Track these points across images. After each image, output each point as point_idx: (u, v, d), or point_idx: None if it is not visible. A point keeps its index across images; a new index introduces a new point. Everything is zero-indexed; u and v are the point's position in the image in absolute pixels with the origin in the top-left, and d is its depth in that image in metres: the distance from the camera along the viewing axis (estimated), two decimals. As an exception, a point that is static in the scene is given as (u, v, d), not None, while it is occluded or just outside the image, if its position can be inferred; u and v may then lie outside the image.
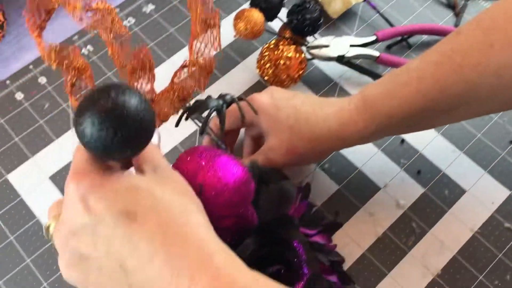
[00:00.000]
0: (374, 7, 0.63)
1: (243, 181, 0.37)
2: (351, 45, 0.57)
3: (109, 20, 0.37)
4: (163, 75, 0.52)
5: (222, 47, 0.61)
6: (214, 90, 0.59)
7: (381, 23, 0.63)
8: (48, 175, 0.54)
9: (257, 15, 0.54)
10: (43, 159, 0.55)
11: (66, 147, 0.56)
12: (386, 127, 0.44)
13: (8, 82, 0.59)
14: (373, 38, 0.59)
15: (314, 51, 0.57)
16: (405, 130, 0.48)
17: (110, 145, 0.28)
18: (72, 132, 0.56)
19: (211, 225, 0.32)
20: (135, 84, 0.41)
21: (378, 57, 0.57)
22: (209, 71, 0.43)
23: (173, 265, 0.29)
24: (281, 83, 0.56)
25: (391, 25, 0.62)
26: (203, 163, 0.38)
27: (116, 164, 0.34)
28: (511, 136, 0.56)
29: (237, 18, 0.54)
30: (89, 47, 0.61)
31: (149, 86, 0.42)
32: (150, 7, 0.64)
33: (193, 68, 0.42)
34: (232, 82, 0.59)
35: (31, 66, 0.60)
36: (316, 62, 0.60)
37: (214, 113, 0.44)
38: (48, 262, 0.50)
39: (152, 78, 0.42)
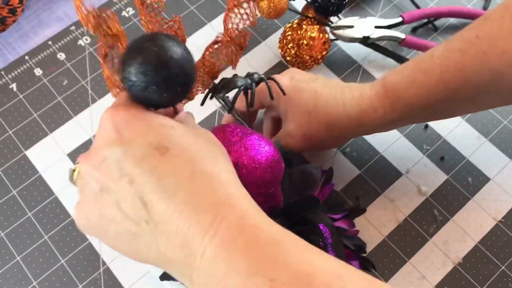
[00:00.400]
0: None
1: (275, 159, 0.36)
2: (376, 27, 0.56)
3: None
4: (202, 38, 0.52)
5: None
6: (234, 70, 0.58)
7: (407, 4, 0.61)
8: (66, 152, 0.54)
9: None
10: (61, 136, 0.55)
11: (85, 125, 0.55)
12: (407, 115, 0.43)
13: (27, 57, 0.59)
14: (399, 19, 0.57)
15: (338, 31, 0.55)
16: (426, 118, 0.47)
17: (152, 89, 0.30)
18: (90, 110, 0.56)
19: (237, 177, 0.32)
20: None
21: (403, 39, 0.56)
22: (242, 47, 0.42)
23: (197, 200, 0.28)
24: (303, 64, 0.55)
25: (417, 6, 0.60)
26: (235, 140, 0.38)
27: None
28: (539, 124, 0.54)
29: None
30: (129, 9, 0.61)
31: None
32: (171, -16, 0.63)
33: (227, 43, 0.41)
34: (253, 62, 0.58)
35: (50, 42, 0.60)
36: (339, 43, 0.59)
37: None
38: (66, 239, 0.50)
39: None
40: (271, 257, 0.27)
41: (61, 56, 0.59)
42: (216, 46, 0.41)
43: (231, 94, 0.42)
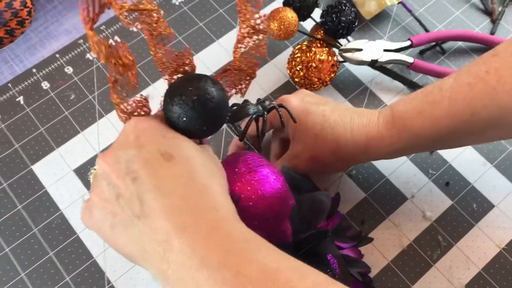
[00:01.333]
0: (409, 10, 0.61)
1: (281, 196, 0.36)
2: (385, 50, 0.56)
3: (154, 20, 0.36)
4: (211, 55, 0.53)
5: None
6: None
7: (414, 25, 0.61)
8: (73, 168, 0.54)
9: (291, 16, 0.52)
10: (68, 151, 0.55)
11: (91, 140, 0.55)
12: (414, 145, 0.44)
13: (34, 70, 0.59)
14: (408, 43, 0.57)
15: (347, 54, 0.55)
16: (433, 148, 0.47)
17: (183, 121, 0.35)
18: (96, 125, 0.56)
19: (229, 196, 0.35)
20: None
21: (411, 63, 0.56)
22: (251, 77, 0.42)
23: (186, 204, 0.31)
24: (311, 86, 0.55)
25: (425, 29, 0.60)
26: (243, 171, 0.38)
27: None
28: (544, 152, 0.54)
29: (271, 17, 0.53)
30: (117, 38, 0.61)
31: None
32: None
33: (235, 72, 0.41)
34: (261, 82, 0.58)
35: (57, 55, 0.60)
36: (347, 64, 0.59)
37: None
38: (71, 256, 0.50)
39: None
40: (240, 252, 0.30)
41: (69, 69, 0.59)
42: (225, 73, 0.41)
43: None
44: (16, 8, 0.58)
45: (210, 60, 0.59)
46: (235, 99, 0.43)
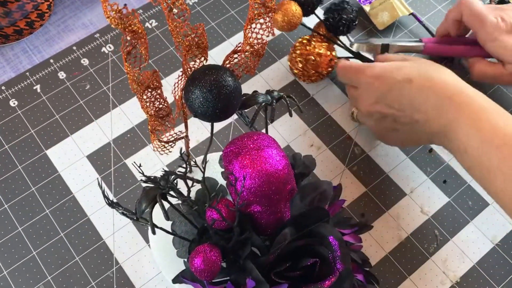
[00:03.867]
0: (419, 21, 0.64)
1: (278, 177, 0.38)
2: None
3: None
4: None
5: (261, 44, 0.63)
6: (250, 85, 0.60)
7: (419, 31, 0.64)
8: (86, 154, 0.56)
9: (295, 8, 0.55)
10: (82, 138, 0.57)
11: (105, 129, 0.57)
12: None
13: (52, 60, 0.61)
14: (417, 40, 0.60)
15: (357, 43, 0.60)
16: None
17: (208, 110, 0.38)
18: (110, 115, 0.58)
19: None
20: (188, 60, 0.43)
21: (424, 45, 0.59)
22: (260, 55, 0.44)
23: (439, 98, 0.46)
24: (308, 77, 0.58)
25: (431, 34, 0.63)
26: (252, 147, 0.40)
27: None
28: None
29: (276, 9, 0.55)
30: (153, 21, 0.63)
31: (201, 64, 0.44)
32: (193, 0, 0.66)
33: (246, 53, 0.44)
34: (268, 79, 0.61)
35: (74, 47, 0.62)
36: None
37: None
38: (81, 237, 0.52)
39: (206, 57, 0.44)
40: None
41: (85, 61, 0.61)
42: (235, 55, 0.44)
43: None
44: (37, 2, 0.61)
45: (221, 57, 0.62)
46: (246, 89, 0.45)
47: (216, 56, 0.62)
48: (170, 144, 0.47)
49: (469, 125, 0.44)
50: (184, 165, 0.42)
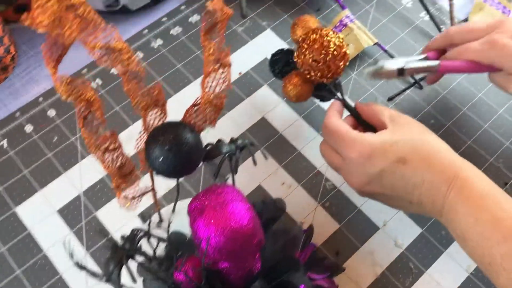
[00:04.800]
0: (384, 50, 0.64)
1: (244, 233, 0.38)
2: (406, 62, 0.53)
3: (126, 59, 0.39)
4: (170, 111, 0.54)
5: (227, 83, 0.63)
6: (218, 126, 0.60)
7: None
8: (56, 209, 0.55)
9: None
10: (52, 193, 0.56)
11: (74, 181, 0.57)
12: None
13: (17, 114, 0.61)
14: (422, 56, 0.55)
15: (371, 71, 0.52)
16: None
17: (169, 168, 0.39)
18: (79, 166, 0.58)
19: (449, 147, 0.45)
20: (148, 119, 0.43)
21: (438, 64, 0.52)
22: (219, 108, 0.44)
23: (435, 181, 0.43)
24: (327, 76, 0.51)
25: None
26: (215, 203, 0.40)
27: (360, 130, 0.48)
28: (506, 179, 0.57)
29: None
30: (98, 80, 0.63)
31: (161, 122, 0.44)
32: (158, 42, 0.66)
33: (206, 105, 0.44)
34: (237, 119, 0.61)
35: (40, 99, 0.62)
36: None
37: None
38: (55, 296, 0.51)
39: (164, 115, 0.44)
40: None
41: (52, 112, 0.61)
42: (195, 108, 0.44)
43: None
44: (0, 55, 0.61)
45: (187, 99, 0.61)
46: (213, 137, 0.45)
47: (184, 98, 0.62)
48: (136, 199, 0.46)
49: (468, 214, 0.41)
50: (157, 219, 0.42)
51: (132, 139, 0.43)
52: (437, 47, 0.56)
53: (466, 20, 0.67)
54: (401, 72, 0.52)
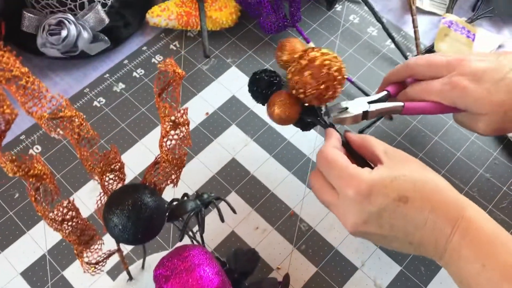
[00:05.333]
0: (351, 81, 0.64)
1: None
2: (369, 102, 0.52)
3: (76, 125, 0.37)
4: (136, 156, 0.52)
5: (196, 124, 0.62)
6: (187, 171, 0.58)
7: (354, 93, 0.64)
8: (19, 271, 0.53)
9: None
10: (14, 254, 0.53)
11: (38, 240, 0.54)
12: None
13: (-25, 171, 0.58)
14: (385, 93, 0.54)
15: (341, 115, 0.51)
16: None
17: (129, 236, 0.37)
18: (43, 223, 0.55)
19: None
20: (105, 183, 0.41)
21: (403, 106, 0.52)
22: (180, 167, 0.43)
23: (439, 222, 0.40)
24: (324, 98, 0.47)
25: (366, 95, 0.63)
26: (182, 268, 0.38)
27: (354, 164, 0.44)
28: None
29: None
30: (37, 146, 0.60)
31: (119, 185, 0.42)
32: (121, 86, 0.64)
33: (165, 164, 0.42)
34: (206, 162, 0.59)
35: (-1, 153, 0.59)
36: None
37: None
38: None
39: (122, 178, 0.42)
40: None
41: (12, 167, 0.58)
42: (156, 167, 0.42)
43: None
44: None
45: (135, 159, 0.59)
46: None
47: (150, 143, 0.60)
48: (101, 263, 0.44)
49: (474, 259, 0.39)
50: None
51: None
52: (397, 80, 0.55)
53: (432, 46, 0.67)
54: (365, 115, 0.51)
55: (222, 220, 0.42)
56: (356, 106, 0.51)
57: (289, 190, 0.58)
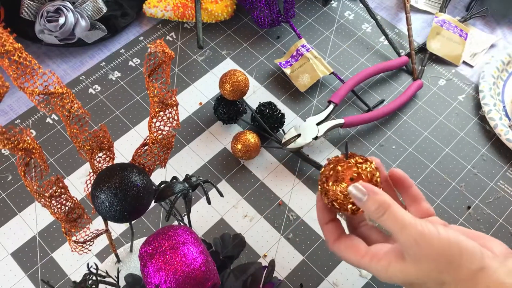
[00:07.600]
0: (340, 79, 0.64)
1: (195, 277, 0.37)
2: (317, 124, 0.59)
3: (67, 102, 0.38)
4: (128, 142, 0.53)
5: (188, 114, 0.62)
6: (179, 158, 0.59)
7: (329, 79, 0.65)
8: (10, 252, 0.53)
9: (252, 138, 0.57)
10: (5, 235, 0.54)
11: (29, 222, 0.55)
12: None
13: (-30, 153, 0.59)
14: (331, 107, 0.60)
15: (292, 145, 0.58)
16: None
17: (116, 214, 0.38)
18: (34, 206, 0.56)
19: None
20: (95, 162, 0.42)
21: (343, 123, 0.59)
22: (169, 148, 0.44)
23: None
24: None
25: (341, 80, 0.64)
26: (166, 246, 0.39)
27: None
28: (469, 203, 0.57)
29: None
30: (32, 131, 0.61)
31: (109, 164, 0.43)
32: (116, 74, 0.65)
33: (155, 145, 0.43)
34: (197, 151, 0.60)
35: (-6, 137, 0.60)
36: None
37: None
38: None
39: (112, 156, 0.43)
40: None
41: (5, 151, 0.59)
42: (144, 148, 0.43)
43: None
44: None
45: (128, 146, 0.60)
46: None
47: (143, 130, 0.61)
48: (88, 243, 0.45)
49: None
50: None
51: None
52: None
53: (424, 44, 0.68)
54: (315, 138, 0.58)
55: (209, 202, 0.42)
56: (307, 131, 0.58)
57: (279, 180, 0.59)
